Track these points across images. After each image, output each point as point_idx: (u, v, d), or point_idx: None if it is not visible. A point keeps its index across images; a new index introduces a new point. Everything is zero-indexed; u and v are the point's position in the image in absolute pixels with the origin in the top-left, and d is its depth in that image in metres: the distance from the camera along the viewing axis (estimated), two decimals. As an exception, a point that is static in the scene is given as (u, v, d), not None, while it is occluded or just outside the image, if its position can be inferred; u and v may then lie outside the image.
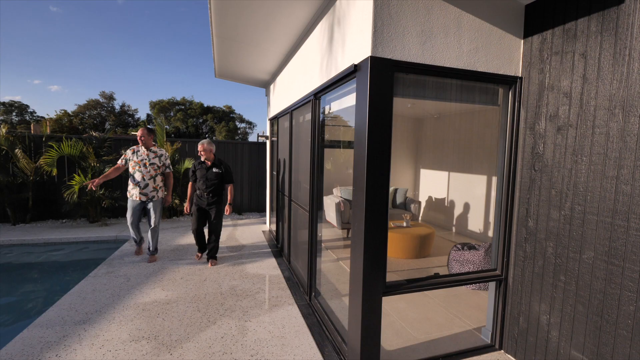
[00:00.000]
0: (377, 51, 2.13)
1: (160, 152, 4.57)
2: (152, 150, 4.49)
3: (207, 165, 4.44)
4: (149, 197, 4.42)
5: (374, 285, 2.26)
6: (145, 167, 4.38)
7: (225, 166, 4.51)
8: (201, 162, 4.48)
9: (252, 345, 2.73)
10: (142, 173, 4.36)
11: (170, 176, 4.70)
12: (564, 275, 2.25)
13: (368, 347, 2.30)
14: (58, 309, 3.23)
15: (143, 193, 4.38)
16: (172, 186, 4.78)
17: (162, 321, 3.07)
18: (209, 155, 4.44)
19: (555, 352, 2.30)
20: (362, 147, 2.20)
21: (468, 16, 2.36)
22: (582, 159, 2.14)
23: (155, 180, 4.45)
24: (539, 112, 2.42)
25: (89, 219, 6.78)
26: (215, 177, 4.42)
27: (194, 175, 4.55)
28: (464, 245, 4.14)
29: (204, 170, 4.43)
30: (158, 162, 4.49)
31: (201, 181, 4.42)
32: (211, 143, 4.45)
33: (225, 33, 4.10)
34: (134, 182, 4.36)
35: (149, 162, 4.41)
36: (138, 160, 4.38)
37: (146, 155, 4.42)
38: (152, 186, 4.43)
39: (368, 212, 2.20)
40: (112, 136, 7.39)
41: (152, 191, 4.44)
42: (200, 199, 4.46)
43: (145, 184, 4.37)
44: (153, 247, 4.63)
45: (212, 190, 4.41)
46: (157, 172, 4.46)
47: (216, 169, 4.44)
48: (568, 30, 2.21)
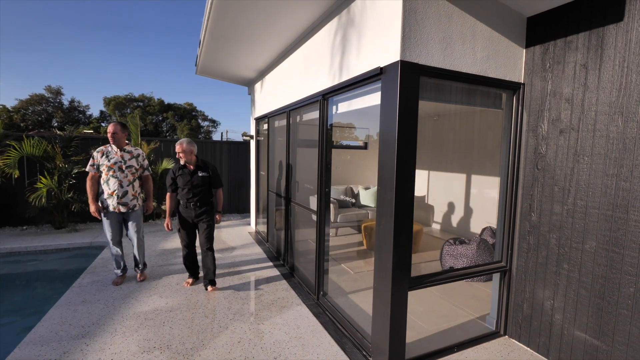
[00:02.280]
0: (405, 55, 2.21)
1: (136, 151, 3.82)
2: (126, 150, 3.72)
3: (190, 170, 3.68)
4: (130, 207, 3.71)
5: (401, 280, 2.35)
6: (122, 172, 3.63)
7: (212, 168, 3.83)
8: (182, 167, 3.68)
9: (272, 348, 2.70)
10: (118, 179, 3.60)
11: (150, 179, 4.00)
12: (567, 264, 2.49)
13: (395, 341, 2.38)
14: (48, 324, 2.96)
15: (122, 203, 3.64)
16: (152, 191, 4.12)
17: (170, 329, 2.93)
18: (190, 157, 3.65)
19: (560, 333, 2.54)
20: (391, 148, 2.27)
21: (482, 25, 2.52)
22: (583, 159, 2.38)
23: (133, 187, 3.74)
24: (542, 115, 2.65)
25: (54, 224, 6.22)
26: (202, 182, 3.69)
27: (173, 183, 3.70)
28: (455, 240, 4.38)
29: (187, 176, 3.65)
30: (135, 163, 3.76)
31: (185, 189, 3.63)
32: (192, 143, 3.67)
33: (220, 31, 3.99)
34: (110, 190, 3.59)
35: (125, 165, 3.66)
36: (111, 163, 3.59)
37: (121, 157, 3.66)
38: (132, 193, 3.71)
39: (397, 211, 2.28)
40: (79, 135, 6.83)
41: (132, 199, 3.72)
42: (186, 210, 3.69)
43: (123, 191, 3.64)
44: (142, 262, 3.98)
45: (199, 198, 3.67)
46: (134, 177, 3.75)
47: (202, 173, 3.70)
48: (570, 42, 2.45)
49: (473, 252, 4.06)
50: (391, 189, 2.28)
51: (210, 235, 3.75)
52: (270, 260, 4.88)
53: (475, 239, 4.27)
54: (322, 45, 3.36)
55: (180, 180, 3.68)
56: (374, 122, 8.40)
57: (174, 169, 3.73)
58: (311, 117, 4.33)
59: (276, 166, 5.51)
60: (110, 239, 3.74)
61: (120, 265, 3.87)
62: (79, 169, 6.19)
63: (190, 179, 3.65)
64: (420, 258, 5.02)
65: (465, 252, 4.11)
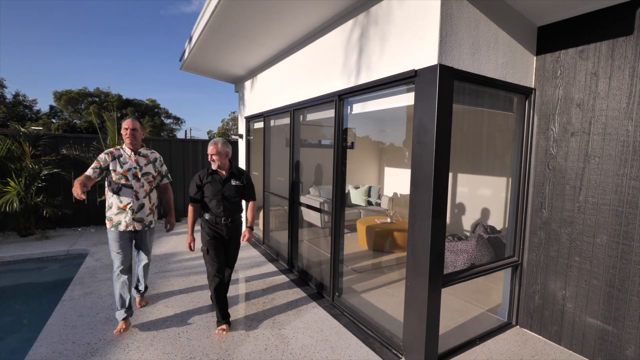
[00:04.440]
0: (442, 59, 2.27)
1: (152, 155, 3.10)
2: (141, 153, 3.01)
3: (222, 177, 3.04)
4: (146, 224, 3.00)
5: (436, 278, 2.41)
6: (137, 180, 2.93)
7: (246, 177, 3.19)
8: (212, 173, 3.02)
9: (301, 352, 2.65)
10: (133, 189, 2.90)
11: (170, 189, 3.29)
12: (578, 256, 2.70)
13: (431, 338, 2.44)
14: (48, 343, 2.67)
15: (137, 219, 2.93)
16: (173, 202, 3.33)
17: (188, 341, 2.77)
18: (225, 161, 3.02)
19: (572, 321, 2.75)
20: (428, 149, 2.31)
21: (503, 33, 2.65)
22: (594, 160, 2.59)
23: (150, 198, 3.03)
24: (552, 119, 2.84)
25: (20, 232, 5.62)
26: (235, 193, 3.06)
27: (199, 192, 3.02)
28: (453, 236, 4.57)
29: (218, 184, 2.99)
30: (152, 170, 3.04)
31: (214, 200, 2.97)
32: (227, 144, 3.04)
33: (222, 26, 3.83)
34: (122, 203, 2.88)
35: (141, 172, 2.96)
36: (124, 170, 2.88)
37: (135, 162, 2.95)
38: (149, 207, 3.00)
39: (435, 210, 2.33)
40: (46, 132, 6.22)
41: (149, 214, 3.02)
42: (216, 226, 3.01)
43: (139, 204, 2.93)
44: (144, 284, 3.35)
45: (232, 213, 3.05)
46: (152, 186, 3.05)
47: (235, 181, 3.06)
48: (581, 52, 2.65)
49: (472, 248, 4.26)
50: (428, 189, 2.33)
51: (235, 258, 3.16)
52: (270, 262, 4.78)
53: (474, 235, 4.48)
54: (337, 46, 3.34)
55: (208, 189, 2.99)
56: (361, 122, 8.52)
57: (202, 174, 3.04)
58: (316, 117, 4.31)
59: (274, 166, 5.41)
60: (119, 266, 2.90)
61: (126, 303, 2.94)
62: (49, 170, 5.64)
63: (221, 187, 3.00)
64: (417, 255, 5.16)
65: (465, 248, 4.29)
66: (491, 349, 2.76)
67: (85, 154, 6.23)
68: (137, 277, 3.33)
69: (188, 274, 4.21)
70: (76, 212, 6.38)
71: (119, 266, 2.90)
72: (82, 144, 6.39)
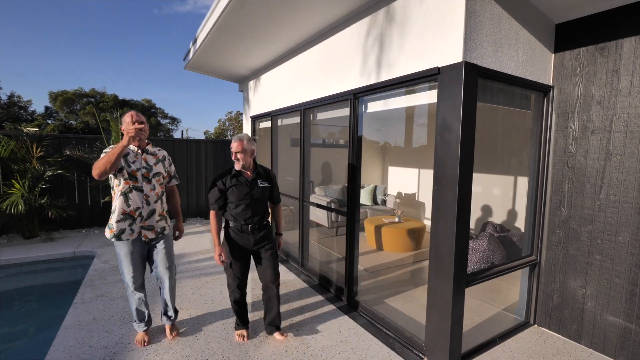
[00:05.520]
0: (467, 57, 2.24)
1: (161, 152, 2.73)
2: (149, 151, 2.63)
3: (248, 178, 2.70)
4: (158, 232, 2.64)
5: (460, 277, 2.39)
6: (148, 182, 2.56)
7: (272, 176, 2.89)
8: (236, 174, 2.67)
9: (322, 354, 2.62)
10: (143, 192, 2.54)
11: (177, 192, 2.93)
12: (599, 255, 2.69)
13: (455, 338, 2.42)
14: (64, 347, 2.62)
15: (147, 227, 2.56)
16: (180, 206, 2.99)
17: (207, 343, 2.74)
18: (250, 160, 2.68)
19: (592, 319, 2.74)
20: (453, 148, 2.29)
21: (523, 30, 2.64)
22: (615, 157, 2.58)
23: (162, 202, 2.68)
24: (572, 117, 2.83)
25: (24, 234, 5.53)
26: (263, 195, 2.74)
27: (222, 197, 2.65)
28: (464, 235, 4.55)
29: (245, 187, 2.65)
30: (162, 169, 2.67)
31: (241, 205, 2.63)
32: (252, 141, 2.70)
33: (230, 24, 3.78)
34: (130, 207, 2.50)
35: (151, 173, 2.58)
36: (133, 169, 2.50)
37: (144, 161, 2.57)
38: (159, 212, 2.64)
39: (460, 210, 2.31)
40: (49, 133, 6.13)
41: (160, 220, 2.64)
42: (242, 234, 2.69)
43: (149, 210, 2.57)
44: (173, 309, 2.80)
45: (260, 218, 2.73)
46: (162, 188, 2.69)
47: (263, 182, 2.74)
48: (601, 49, 2.64)
49: (484, 247, 4.24)
50: (453, 188, 2.30)
51: (277, 267, 2.80)
52: (281, 263, 4.74)
53: (485, 234, 4.47)
54: (351, 43, 3.31)
55: (233, 194, 2.62)
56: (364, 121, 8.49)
57: (224, 177, 2.66)
58: (323, 117, 4.28)
59: (282, 166, 5.38)
60: (131, 282, 2.60)
61: (144, 316, 2.73)
62: (53, 171, 5.56)
63: (249, 191, 2.66)
64: (426, 255, 5.15)
65: (477, 246, 4.27)
66: (512, 349, 2.75)
67: (88, 154, 6.16)
68: (163, 301, 2.80)
69: (198, 275, 4.16)
70: (79, 214, 6.31)
71: (130, 285, 2.62)
72: (85, 145, 6.31)
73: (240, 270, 2.73)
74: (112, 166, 2.26)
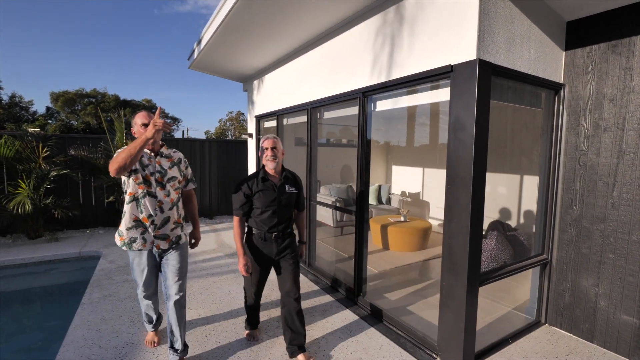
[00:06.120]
0: (480, 54, 2.23)
1: (176, 155, 2.46)
2: (163, 154, 2.38)
3: (276, 182, 2.52)
4: (172, 241, 2.40)
5: (474, 276, 2.37)
6: (162, 187, 2.31)
7: (300, 181, 2.71)
8: (264, 178, 2.49)
9: (334, 354, 2.61)
10: (157, 199, 2.29)
11: (194, 197, 2.70)
12: (612, 254, 2.67)
13: (469, 337, 2.40)
14: (74, 347, 2.61)
15: (161, 236, 2.34)
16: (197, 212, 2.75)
17: (217, 343, 2.72)
18: (281, 160, 2.56)
19: (605, 318, 2.72)
20: (467, 147, 2.27)
21: (535, 28, 2.62)
22: (629, 155, 2.56)
23: (177, 209, 2.43)
24: (584, 115, 2.81)
25: (28, 234, 5.51)
26: (290, 201, 2.57)
27: (248, 203, 2.49)
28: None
29: (273, 192, 2.47)
30: (178, 173, 2.42)
31: (268, 212, 2.46)
32: (278, 140, 2.57)
33: (238, 23, 3.76)
34: (142, 214, 2.28)
35: (165, 177, 2.33)
36: (147, 173, 2.26)
37: (159, 165, 2.32)
38: (174, 220, 2.40)
39: (474, 209, 2.29)
40: (53, 133, 6.12)
41: (175, 228, 2.40)
42: (265, 243, 2.52)
43: (164, 218, 2.33)
44: (182, 340, 2.41)
45: (286, 225, 2.56)
46: (178, 194, 2.44)
47: (290, 188, 2.56)
48: (614, 46, 2.62)
49: (492, 246, 4.22)
50: (467, 187, 2.29)
51: (298, 278, 2.58)
52: (286, 262, 4.73)
53: (492, 234, 4.45)
54: (360, 42, 3.29)
55: (260, 199, 2.45)
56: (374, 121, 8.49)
57: (250, 182, 2.48)
58: (332, 116, 4.26)
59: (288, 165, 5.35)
60: (141, 290, 2.47)
61: (153, 319, 2.65)
62: (58, 171, 5.54)
63: (277, 196, 2.48)
64: (431, 254, 5.14)
65: (485, 246, 4.24)
66: (525, 348, 2.73)
67: (93, 154, 6.15)
68: (169, 328, 2.40)
69: (205, 275, 4.15)
70: (84, 214, 6.29)
71: (140, 292, 2.50)
72: (89, 144, 6.29)
73: (259, 279, 2.61)
74: (133, 160, 2.02)
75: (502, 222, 4.82)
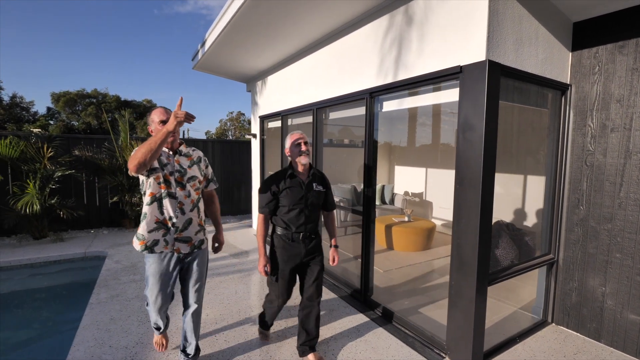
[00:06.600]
0: (489, 55, 2.24)
1: (195, 153, 2.36)
2: (182, 152, 2.27)
3: (304, 180, 2.43)
4: (195, 245, 2.29)
5: (483, 276, 2.39)
6: (182, 187, 2.20)
7: (327, 180, 2.61)
8: (292, 174, 2.41)
9: (344, 354, 2.62)
10: (177, 199, 2.18)
11: (216, 197, 2.58)
12: (619, 253, 2.69)
13: (478, 337, 2.42)
14: (85, 347, 2.62)
15: (183, 239, 2.22)
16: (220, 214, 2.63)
17: (227, 342, 2.74)
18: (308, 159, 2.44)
19: (612, 317, 2.74)
20: (476, 147, 2.29)
21: (542, 29, 2.64)
22: (636, 155, 2.58)
23: (199, 211, 2.33)
24: (590, 115, 2.83)
25: (33, 234, 5.53)
26: (318, 200, 2.47)
27: (274, 200, 2.40)
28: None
29: (300, 190, 2.38)
30: (198, 172, 2.30)
31: (295, 210, 2.37)
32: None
33: (246, 23, 3.78)
34: (162, 215, 2.17)
35: (185, 177, 2.22)
36: (167, 173, 2.15)
37: (178, 164, 2.21)
38: (197, 222, 2.30)
39: (483, 208, 2.31)
40: (58, 134, 6.14)
41: (198, 232, 2.31)
42: (293, 244, 2.41)
43: (186, 220, 2.22)
44: (195, 345, 2.36)
45: (314, 225, 2.47)
46: (199, 195, 2.33)
47: (318, 186, 2.46)
48: (621, 47, 2.64)
49: (496, 246, 4.25)
50: (476, 187, 2.30)
51: (322, 283, 2.54)
52: (292, 262, 4.74)
53: (496, 234, 4.47)
54: (367, 43, 3.31)
55: (287, 196, 2.36)
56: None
57: (276, 178, 2.41)
58: (336, 117, 4.28)
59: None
60: (154, 303, 2.25)
61: (161, 327, 2.50)
62: (62, 171, 5.56)
63: (304, 194, 2.38)
64: (436, 254, 5.16)
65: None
66: (532, 347, 2.75)
67: (97, 154, 6.16)
68: (183, 334, 2.37)
69: (211, 275, 4.16)
70: (88, 214, 6.31)
71: (152, 308, 2.28)
72: (93, 145, 6.31)
73: (286, 287, 2.45)
74: (154, 156, 1.89)
75: (507, 222, 4.84)
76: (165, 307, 2.33)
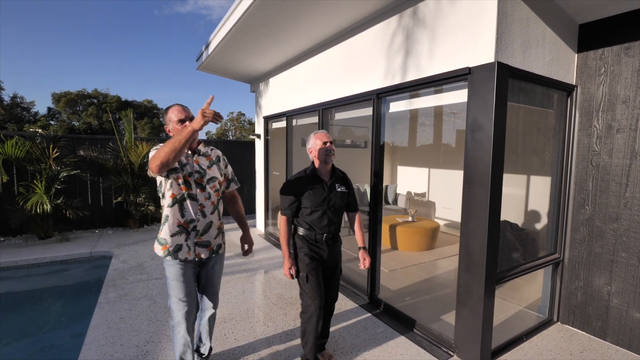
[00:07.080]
0: (498, 57, 2.27)
1: (214, 152, 2.26)
2: (201, 152, 2.18)
3: (326, 181, 2.37)
4: (213, 250, 2.19)
5: (492, 275, 2.42)
6: (202, 189, 2.10)
7: (350, 181, 2.55)
8: (314, 174, 2.36)
9: (351, 351, 2.65)
10: (198, 202, 2.08)
11: (239, 198, 2.44)
12: (625, 252, 2.72)
13: (486, 335, 2.44)
14: (96, 346, 2.65)
15: (203, 243, 2.12)
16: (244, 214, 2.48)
17: (236, 341, 2.76)
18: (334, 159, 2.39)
19: (618, 316, 2.77)
20: (485, 147, 2.32)
21: (549, 31, 2.67)
22: (642, 156, 2.61)
23: (219, 214, 2.22)
24: (596, 116, 2.86)
25: (38, 234, 5.55)
26: (342, 201, 2.41)
27: (297, 201, 2.33)
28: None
29: (323, 191, 2.32)
30: (218, 173, 2.20)
31: (318, 212, 2.30)
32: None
33: (253, 23, 3.80)
34: (183, 218, 2.05)
35: (204, 178, 2.12)
36: (185, 174, 2.04)
37: (197, 165, 2.11)
38: (217, 225, 2.20)
39: (491, 208, 2.34)
40: (63, 134, 6.16)
41: (218, 236, 2.21)
42: (316, 245, 2.34)
43: (206, 223, 2.12)
44: (208, 346, 2.41)
45: (336, 227, 2.40)
46: (219, 197, 2.22)
47: (341, 187, 2.41)
48: (627, 48, 2.67)
49: (501, 245, 4.28)
50: (485, 187, 2.33)
51: (339, 285, 2.54)
52: (297, 262, 4.77)
53: (501, 233, 4.49)
54: (375, 44, 3.34)
55: (310, 198, 2.29)
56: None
57: (299, 179, 2.35)
58: (344, 117, 4.30)
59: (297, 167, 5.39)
60: (182, 321, 2.08)
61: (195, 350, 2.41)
62: (68, 171, 5.59)
63: (327, 195, 2.32)
64: (440, 254, 5.19)
65: (494, 245, 4.31)
66: (539, 346, 2.77)
67: (102, 155, 6.19)
68: (198, 336, 2.39)
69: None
70: (93, 214, 6.34)
71: (181, 321, 2.08)
72: (98, 145, 6.34)
73: (319, 284, 2.31)
74: (177, 156, 1.78)
75: (511, 222, 4.87)
76: (193, 313, 2.16)
